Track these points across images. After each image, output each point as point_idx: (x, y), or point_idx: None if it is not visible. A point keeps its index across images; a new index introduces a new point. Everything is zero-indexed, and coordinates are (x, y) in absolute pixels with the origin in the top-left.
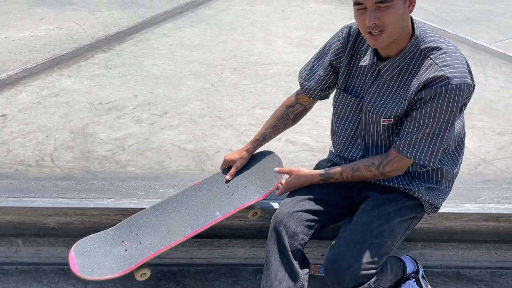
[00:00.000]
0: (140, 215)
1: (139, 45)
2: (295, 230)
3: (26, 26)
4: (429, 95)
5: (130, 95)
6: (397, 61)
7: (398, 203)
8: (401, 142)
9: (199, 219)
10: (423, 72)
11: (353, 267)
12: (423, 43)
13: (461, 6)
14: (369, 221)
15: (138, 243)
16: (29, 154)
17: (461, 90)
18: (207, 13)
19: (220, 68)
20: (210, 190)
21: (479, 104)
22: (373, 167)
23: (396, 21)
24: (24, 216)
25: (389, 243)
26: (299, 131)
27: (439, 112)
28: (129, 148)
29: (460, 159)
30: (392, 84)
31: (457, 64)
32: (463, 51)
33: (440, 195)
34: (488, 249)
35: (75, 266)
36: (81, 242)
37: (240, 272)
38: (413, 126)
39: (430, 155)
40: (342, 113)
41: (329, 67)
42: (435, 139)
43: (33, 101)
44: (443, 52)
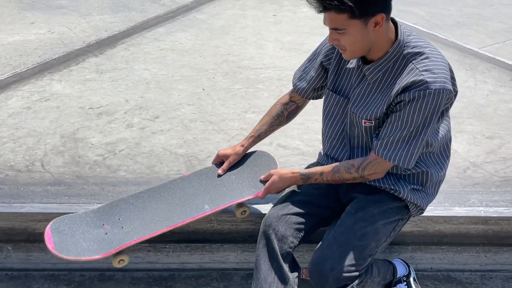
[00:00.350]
0: (123, 201)
1: (131, 50)
2: (284, 233)
3: (16, 30)
4: (407, 98)
5: (121, 99)
6: (380, 65)
7: (383, 205)
8: (378, 143)
9: (186, 211)
10: (404, 76)
11: (336, 269)
12: (406, 48)
13: (451, 10)
14: (353, 223)
15: (120, 228)
16: (19, 159)
17: (440, 95)
18: (199, 18)
19: (212, 73)
20: (199, 183)
21: (469, 108)
22: (352, 169)
23: (355, 43)
24: (14, 221)
25: (373, 245)
26: (290, 135)
27: (416, 115)
28: (120, 153)
29: (446, 163)
30: (376, 87)
31: (438, 69)
32: (453, 56)
33: (425, 197)
34: (478, 252)
35: (50, 243)
36: (58, 219)
37: (232, 276)
38: (390, 128)
39: (405, 157)
40: (330, 112)
41: (320, 68)
42: (411, 141)
43: (23, 106)
44: (425, 57)
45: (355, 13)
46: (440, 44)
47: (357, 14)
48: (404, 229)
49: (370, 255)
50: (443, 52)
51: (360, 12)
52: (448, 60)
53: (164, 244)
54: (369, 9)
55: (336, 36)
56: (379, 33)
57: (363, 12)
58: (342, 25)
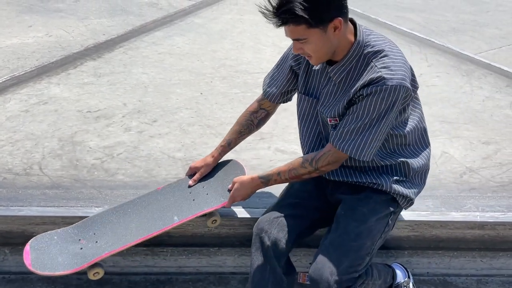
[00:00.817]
0: (100, 215)
1: (129, 53)
2: (277, 236)
3: (14, 33)
4: (365, 93)
5: (119, 103)
6: (342, 65)
7: (370, 201)
8: (334, 134)
9: (157, 223)
10: (364, 75)
11: (336, 273)
12: (366, 47)
13: (447, 16)
14: (346, 225)
15: (94, 242)
16: (17, 162)
17: (397, 91)
18: (196, 22)
19: (210, 77)
20: (172, 195)
21: (465, 113)
22: (306, 163)
23: (318, 50)
24: (12, 225)
25: (368, 243)
26: (287, 139)
27: (373, 107)
28: (118, 157)
29: (426, 152)
30: (341, 87)
31: (396, 67)
32: (449, 62)
33: (411, 187)
34: (474, 257)
35: (28, 260)
36: (38, 237)
37: (229, 280)
38: (346, 119)
39: (358, 148)
40: (305, 115)
41: (290, 72)
42: (364, 132)
43: (21, 109)
44: (384, 55)
45: (311, 23)
46: (436, 50)
47: (313, 23)
48: (401, 234)
49: (367, 253)
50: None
51: (315, 21)
52: (444, 66)
53: (161, 247)
54: (324, 17)
55: (300, 46)
56: (340, 36)
57: (319, 21)
58: (302, 35)
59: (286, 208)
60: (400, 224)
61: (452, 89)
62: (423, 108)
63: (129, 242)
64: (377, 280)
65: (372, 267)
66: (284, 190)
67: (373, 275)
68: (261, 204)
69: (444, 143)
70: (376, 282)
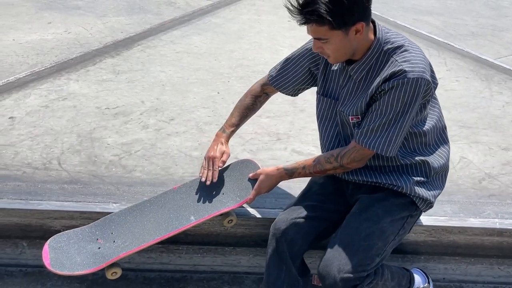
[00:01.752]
0: (117, 215)
1: (147, 52)
2: (294, 237)
3: (33, 30)
4: (387, 87)
5: (137, 100)
6: (363, 63)
7: (387, 203)
8: (359, 132)
9: (173, 223)
10: (385, 70)
11: (343, 270)
12: (386, 44)
13: (466, 20)
14: (358, 225)
15: (112, 242)
16: (36, 157)
17: (418, 84)
18: (214, 22)
19: (227, 76)
20: (188, 194)
21: (484, 119)
22: (331, 159)
23: (338, 51)
24: (31, 218)
25: (379, 244)
26: (304, 141)
27: (395, 102)
28: (136, 154)
29: (445, 151)
30: (362, 85)
31: (416, 61)
32: (468, 66)
33: (431, 189)
34: (491, 264)
35: (47, 260)
36: (56, 237)
37: (243, 280)
38: (370, 117)
39: (384, 144)
40: (324, 116)
41: (308, 72)
42: (390, 128)
43: (41, 104)
44: (404, 50)
45: (334, 26)
46: (455, 54)
47: (336, 26)
48: (418, 239)
49: (378, 254)
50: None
51: (338, 24)
52: (463, 70)
53: (177, 245)
54: (347, 20)
55: (320, 45)
56: (361, 38)
57: (342, 24)
58: (323, 35)
59: (304, 210)
60: (417, 228)
61: (471, 93)
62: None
63: (146, 242)
64: (389, 282)
65: (384, 268)
66: (302, 192)
67: (384, 275)
68: (277, 205)
69: (463, 148)
70: (388, 283)
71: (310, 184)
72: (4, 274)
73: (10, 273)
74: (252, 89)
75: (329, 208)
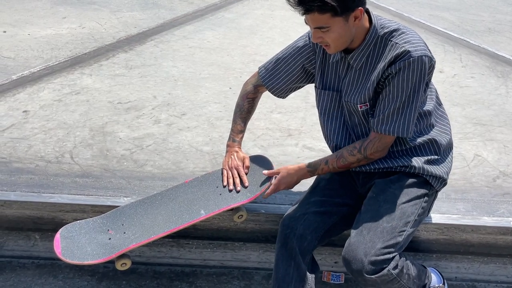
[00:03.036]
0: (129, 207)
1: (159, 47)
2: (303, 233)
3: (48, 24)
4: (394, 70)
5: (149, 95)
6: (362, 50)
7: (402, 184)
8: (375, 121)
9: (183, 216)
10: (387, 54)
11: (370, 253)
12: (382, 29)
13: (482, 16)
14: (378, 207)
15: (122, 233)
16: (49, 150)
17: (423, 62)
18: (227, 17)
19: (239, 72)
20: (199, 188)
21: (500, 116)
22: (355, 151)
23: (338, 39)
24: (43, 211)
25: (401, 225)
26: (316, 137)
27: (406, 84)
28: (147, 148)
29: (448, 127)
30: (363, 72)
31: (416, 41)
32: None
33: (441, 165)
34: (505, 263)
35: (58, 248)
36: (68, 226)
37: (253, 276)
38: (383, 103)
39: (403, 127)
40: (327, 110)
41: (301, 70)
42: (405, 110)
43: (54, 98)
44: (401, 32)
45: (338, 12)
46: (471, 50)
47: (339, 12)
48: (430, 237)
49: (400, 235)
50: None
51: (342, 10)
52: (479, 66)
53: (187, 240)
54: (349, 5)
55: (320, 34)
56: (360, 24)
57: (345, 9)
58: (325, 23)
59: (313, 205)
60: (430, 226)
61: (487, 90)
62: (456, 109)
63: (156, 234)
64: (411, 272)
65: (407, 259)
66: (310, 188)
67: (408, 265)
68: (287, 201)
69: (477, 145)
70: (411, 274)
71: (317, 179)
72: (16, 266)
73: (23, 265)
74: (246, 92)
75: (338, 202)
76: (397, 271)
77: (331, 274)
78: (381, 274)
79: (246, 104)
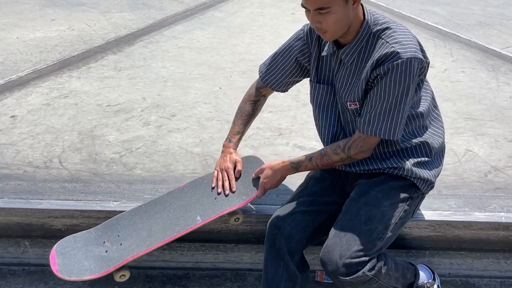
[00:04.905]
0: (123, 216)
1: (149, 47)
2: (291, 232)
3: (37, 27)
4: (382, 71)
5: (139, 97)
6: (353, 46)
7: (386, 186)
8: (361, 121)
9: (180, 223)
10: (376, 51)
11: (345, 256)
12: (375, 26)
13: (473, 9)
14: (358, 209)
15: (119, 245)
16: (37, 155)
17: (412, 64)
18: (217, 16)
19: (229, 71)
20: (193, 193)
21: (491, 110)
22: (338, 150)
23: (337, 22)
24: (32, 217)
25: (380, 228)
26: (307, 135)
27: (393, 86)
28: (137, 151)
29: (441, 130)
30: (354, 69)
31: (407, 41)
32: (475, 56)
33: (431, 169)
34: (498, 258)
35: (55, 266)
36: (63, 241)
37: (246, 277)
38: (370, 103)
39: (389, 129)
40: (321, 104)
41: (295, 63)
42: (392, 112)
43: (42, 103)
44: (393, 31)
45: None
46: (462, 44)
47: None
48: (422, 234)
49: (379, 238)
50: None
51: None
52: (470, 61)
53: (179, 243)
54: None
55: (319, 18)
56: (355, 12)
57: None
58: (327, 3)
59: (301, 204)
60: (421, 223)
61: (478, 84)
62: (447, 104)
63: (153, 244)
64: (392, 272)
65: (387, 257)
66: (298, 188)
67: (387, 264)
68: (278, 201)
69: (469, 140)
70: (391, 273)
71: (307, 179)
72: (7, 273)
73: (13, 272)
74: (248, 94)
75: (326, 200)
76: (374, 272)
77: (324, 273)
78: (356, 276)
79: (247, 106)
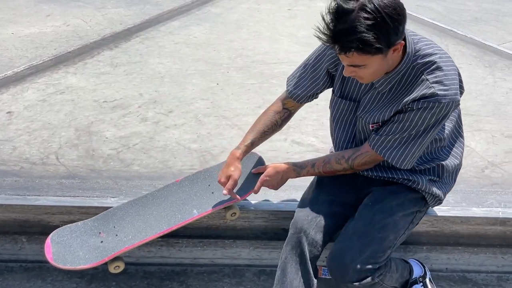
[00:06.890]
0: (120, 208)
1: (145, 43)
2: (315, 237)
3: (32, 23)
4: (415, 106)
5: (136, 93)
6: (390, 77)
7: (400, 196)
8: (376, 139)
9: (176, 216)
10: (415, 88)
11: (356, 261)
12: (416, 58)
13: (469, 5)
14: (372, 215)
15: (114, 236)
16: (34, 151)
17: (448, 107)
18: (214, 11)
19: (226, 67)
20: (191, 187)
21: (487, 106)
22: (342, 160)
23: (374, 73)
24: (29, 214)
25: (391, 237)
26: (305, 131)
27: (421, 120)
28: (134, 147)
29: (460, 151)
30: (385, 97)
31: (449, 81)
32: (471, 52)
33: (443, 187)
34: (495, 253)
35: (49, 254)
36: (59, 230)
37: (244, 273)
38: (391, 127)
39: (400, 157)
40: (340, 117)
41: (326, 75)
42: (408, 143)
43: (38, 99)
44: (436, 67)
45: (382, 51)
46: (458, 40)
47: (383, 51)
48: (420, 229)
49: (389, 247)
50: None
51: (385, 48)
52: (466, 56)
53: (177, 239)
54: (392, 42)
55: (353, 69)
56: (396, 56)
57: (387, 48)
58: (362, 62)
59: (324, 205)
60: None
61: (474, 80)
62: None
63: (149, 236)
64: (394, 273)
65: (390, 260)
66: (315, 184)
67: (391, 267)
68: (276, 198)
69: (466, 136)
70: (394, 275)
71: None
72: (4, 270)
73: (11, 269)
74: (272, 105)
75: (344, 202)
76: (381, 277)
77: (322, 268)
78: (364, 282)
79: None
